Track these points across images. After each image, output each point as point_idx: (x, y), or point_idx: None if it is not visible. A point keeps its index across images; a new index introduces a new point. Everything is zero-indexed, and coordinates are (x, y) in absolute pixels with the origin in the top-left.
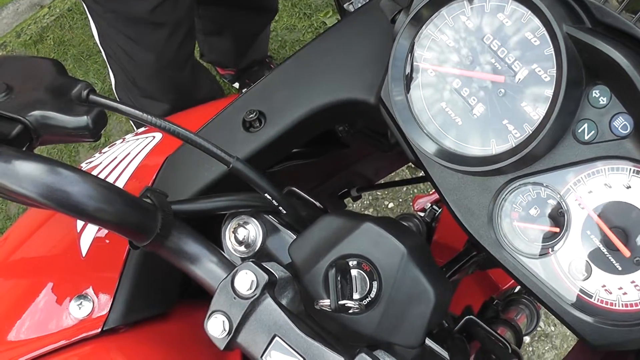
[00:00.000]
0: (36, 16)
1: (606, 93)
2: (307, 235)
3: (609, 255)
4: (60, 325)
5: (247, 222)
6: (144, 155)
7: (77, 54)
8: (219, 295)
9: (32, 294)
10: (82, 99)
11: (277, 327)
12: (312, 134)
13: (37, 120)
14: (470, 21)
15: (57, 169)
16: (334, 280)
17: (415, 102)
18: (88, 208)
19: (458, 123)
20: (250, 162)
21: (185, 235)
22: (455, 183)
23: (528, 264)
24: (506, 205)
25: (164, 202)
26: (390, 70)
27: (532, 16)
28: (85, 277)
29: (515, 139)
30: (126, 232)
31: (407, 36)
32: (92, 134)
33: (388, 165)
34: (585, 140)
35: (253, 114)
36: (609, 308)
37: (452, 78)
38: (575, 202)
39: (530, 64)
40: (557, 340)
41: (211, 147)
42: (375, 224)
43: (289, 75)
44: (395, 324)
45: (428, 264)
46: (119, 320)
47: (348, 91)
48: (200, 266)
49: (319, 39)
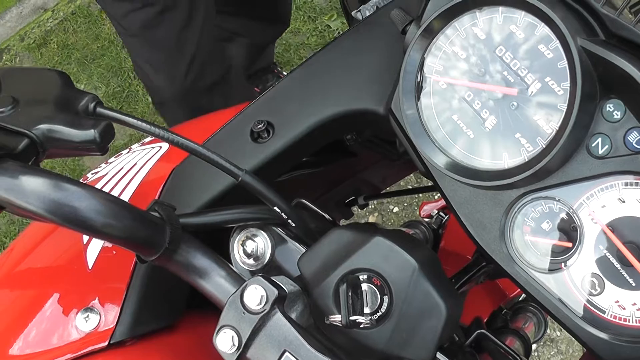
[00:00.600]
0: (40, 20)
1: (620, 107)
2: (316, 249)
3: (623, 270)
4: (66, 339)
5: (256, 235)
6: (151, 166)
7: (81, 58)
8: (228, 310)
9: (37, 306)
10: (89, 111)
11: (287, 342)
12: (321, 144)
13: (43, 134)
14: (483, 33)
15: (63, 184)
16: (345, 295)
17: (426, 113)
18: (95, 224)
19: (470, 136)
20: (258, 173)
21: (193, 249)
22: (466, 196)
23: (540, 279)
24: (518, 219)
25: (172, 215)
26: (401, 83)
27: (545, 28)
28: (91, 290)
29: (528, 153)
30: (134, 247)
31: (419, 48)
32: (100, 147)
33: (395, 174)
34: (599, 154)
35: (261, 125)
36: (622, 324)
37: (464, 90)
38: (588, 216)
39: (543, 77)
40: (562, 345)
41: (220, 159)
42: (386, 237)
43: (297, 86)
44: (406, 338)
45: (439, 278)
46: (126, 333)
47: (357, 102)
48: (209, 280)
49: (327, 48)
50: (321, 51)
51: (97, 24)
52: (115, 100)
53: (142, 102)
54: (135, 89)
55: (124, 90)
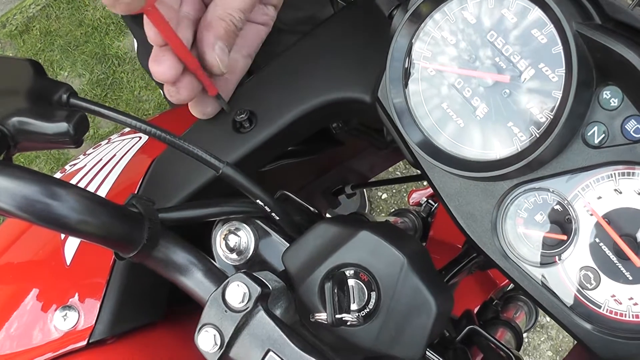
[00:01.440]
0: (22, 6)
1: (618, 94)
2: (301, 243)
3: (619, 264)
4: (45, 338)
5: (239, 229)
6: (130, 157)
7: (64, 45)
8: (210, 308)
9: (14, 305)
10: (62, 102)
11: (271, 341)
12: (306, 133)
13: (14, 127)
14: (473, 17)
15: (35, 180)
16: (331, 292)
17: (413, 100)
18: (70, 221)
19: (460, 125)
20: (241, 164)
21: (173, 245)
22: (457, 188)
23: (533, 273)
24: (510, 211)
25: (151, 210)
26: (387, 70)
27: (539, 12)
28: (70, 287)
29: (521, 143)
30: (111, 244)
31: (406, 34)
32: (74, 140)
33: (383, 162)
34: (595, 144)
35: (243, 114)
36: (618, 319)
37: (453, 77)
38: (583, 208)
39: (536, 63)
40: (552, 331)
41: (199, 152)
42: (373, 231)
43: (280, 73)
44: (395, 336)
45: (428, 272)
46: (106, 332)
47: (343, 90)
48: (190, 277)
49: (311, 34)
50: (305, 37)
51: (81, 10)
52: (100, 87)
53: (127, 90)
54: (119, 77)
55: (109, 77)
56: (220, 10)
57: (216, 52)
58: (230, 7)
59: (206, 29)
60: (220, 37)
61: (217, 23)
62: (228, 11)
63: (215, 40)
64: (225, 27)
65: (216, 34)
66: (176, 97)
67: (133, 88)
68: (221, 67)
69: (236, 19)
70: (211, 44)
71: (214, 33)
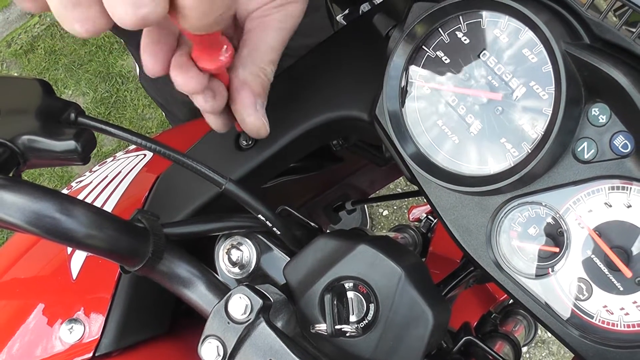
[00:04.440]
0: (26, 25)
1: (606, 111)
2: (301, 257)
3: (610, 275)
4: (50, 351)
5: (241, 243)
6: (135, 174)
7: (69, 64)
8: (213, 320)
9: (21, 318)
10: (70, 121)
11: (273, 352)
12: (306, 151)
13: (24, 145)
14: (467, 37)
15: (44, 196)
16: (330, 304)
17: (410, 118)
18: (77, 235)
19: (455, 141)
20: (243, 180)
21: (177, 259)
22: (452, 202)
23: (527, 285)
24: (505, 224)
25: (156, 225)
26: (385, 88)
27: (529, 33)
28: (76, 301)
29: (513, 158)
30: (117, 257)
31: (402, 53)
32: (81, 157)
33: (383, 178)
34: (585, 159)
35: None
36: (610, 329)
37: (449, 95)
38: (575, 221)
39: (527, 81)
40: (554, 346)
41: (202, 168)
42: (371, 245)
43: (280, 93)
44: (393, 346)
45: (426, 285)
46: (112, 345)
47: (342, 108)
48: (194, 290)
49: (311, 54)
50: (304, 57)
51: None
52: (104, 105)
53: (130, 108)
54: (123, 95)
55: (112, 95)
56: (252, 66)
57: (259, 111)
58: (262, 61)
59: (242, 88)
60: (259, 95)
61: (253, 80)
62: (261, 65)
63: (255, 99)
64: (261, 84)
65: (254, 92)
66: (213, 103)
67: (136, 106)
68: (267, 128)
69: (269, 72)
70: (252, 104)
71: (251, 92)
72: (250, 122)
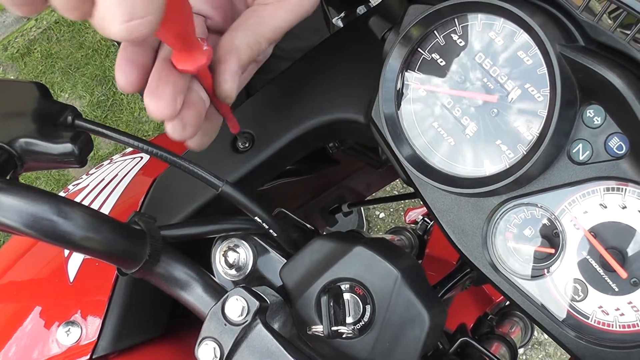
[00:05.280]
0: (23, 29)
1: (600, 113)
2: (298, 259)
3: (605, 276)
4: (47, 353)
5: (238, 245)
6: (132, 176)
7: (65, 67)
8: (210, 322)
9: (18, 321)
10: (67, 124)
11: (270, 353)
12: (303, 153)
13: (21, 148)
14: (462, 40)
15: (41, 198)
16: (327, 305)
17: (406, 120)
18: (74, 237)
19: (451, 143)
20: (240, 182)
21: (174, 261)
22: (448, 204)
23: (523, 286)
24: (500, 226)
25: (153, 227)
26: (380, 91)
27: (524, 35)
28: (73, 303)
29: (509, 160)
30: (114, 260)
31: (397, 56)
32: (78, 160)
33: (379, 180)
34: (580, 160)
35: (242, 135)
36: (606, 329)
37: (444, 97)
38: (570, 222)
39: (523, 84)
40: (550, 347)
41: (200, 171)
42: (367, 247)
43: (277, 95)
44: (390, 348)
45: (422, 286)
46: (109, 347)
47: (338, 111)
48: (191, 292)
49: (307, 56)
50: (301, 59)
51: (81, 33)
52: (100, 109)
53: (127, 111)
54: (119, 98)
55: (109, 99)
56: (251, 37)
57: (236, 81)
58: (262, 36)
59: (230, 54)
60: (243, 66)
61: (245, 49)
62: (258, 39)
63: (239, 69)
64: (249, 56)
65: (241, 60)
66: (181, 133)
67: (133, 109)
68: (234, 97)
69: (262, 49)
70: (236, 72)
71: (239, 59)
72: (228, 88)
